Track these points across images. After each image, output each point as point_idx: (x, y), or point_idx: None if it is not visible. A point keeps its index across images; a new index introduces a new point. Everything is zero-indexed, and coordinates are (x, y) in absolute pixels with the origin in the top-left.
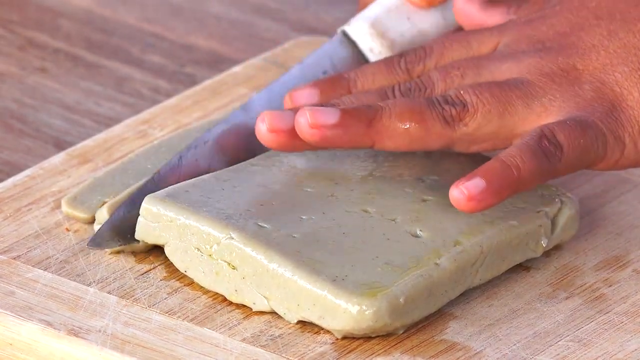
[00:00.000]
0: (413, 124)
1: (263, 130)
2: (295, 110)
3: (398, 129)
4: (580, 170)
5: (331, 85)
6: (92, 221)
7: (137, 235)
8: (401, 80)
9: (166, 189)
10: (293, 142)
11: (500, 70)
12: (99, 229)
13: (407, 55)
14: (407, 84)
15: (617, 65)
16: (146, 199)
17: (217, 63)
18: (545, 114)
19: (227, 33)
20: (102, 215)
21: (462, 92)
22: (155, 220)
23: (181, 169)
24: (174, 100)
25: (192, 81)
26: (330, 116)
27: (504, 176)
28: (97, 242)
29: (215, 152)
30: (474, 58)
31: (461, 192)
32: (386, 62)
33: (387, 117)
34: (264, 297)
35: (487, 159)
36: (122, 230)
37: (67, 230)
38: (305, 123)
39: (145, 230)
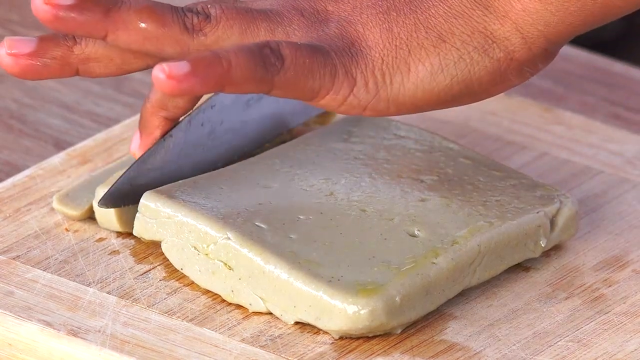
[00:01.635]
0: (151, 22)
1: (2, 53)
2: (37, 36)
3: (135, 24)
4: (306, 103)
5: None
6: (81, 218)
7: (135, 232)
8: None
9: (165, 186)
10: (33, 66)
11: (256, 2)
12: (110, 189)
13: None
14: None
15: (366, 8)
16: (145, 195)
17: None
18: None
19: None
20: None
21: (209, 6)
22: (153, 216)
23: (190, 130)
24: None
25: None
26: None
27: (211, 65)
28: (107, 201)
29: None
30: None
31: (162, 69)
32: None
33: (125, 10)
34: (261, 298)
35: (494, 162)
36: (134, 190)
37: (67, 230)
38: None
39: (143, 226)
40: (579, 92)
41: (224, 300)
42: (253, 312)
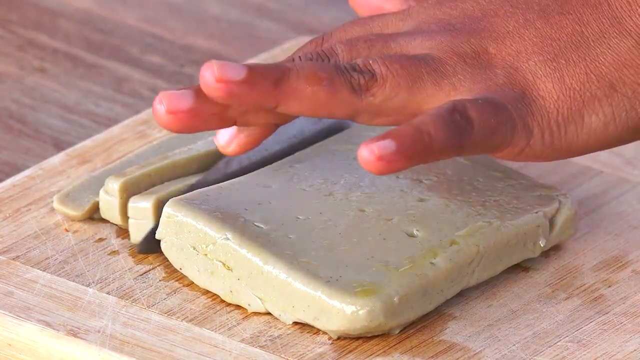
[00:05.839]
0: (320, 88)
1: (161, 111)
2: (193, 88)
3: (305, 91)
4: (486, 155)
5: None
6: (81, 219)
7: (132, 239)
8: None
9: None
10: (193, 122)
11: (411, 44)
12: (147, 234)
13: (303, 47)
14: (308, 54)
15: (532, 54)
16: None
17: None
18: (454, 93)
19: (227, 33)
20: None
21: (370, 61)
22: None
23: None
24: None
25: (191, 81)
26: (237, 72)
27: (415, 141)
28: (144, 248)
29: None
30: (382, 34)
31: (371, 151)
32: (287, 58)
33: (294, 78)
34: (259, 298)
35: (493, 162)
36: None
37: (66, 230)
38: (211, 77)
39: (138, 230)
40: None
41: (223, 301)
42: (252, 313)
